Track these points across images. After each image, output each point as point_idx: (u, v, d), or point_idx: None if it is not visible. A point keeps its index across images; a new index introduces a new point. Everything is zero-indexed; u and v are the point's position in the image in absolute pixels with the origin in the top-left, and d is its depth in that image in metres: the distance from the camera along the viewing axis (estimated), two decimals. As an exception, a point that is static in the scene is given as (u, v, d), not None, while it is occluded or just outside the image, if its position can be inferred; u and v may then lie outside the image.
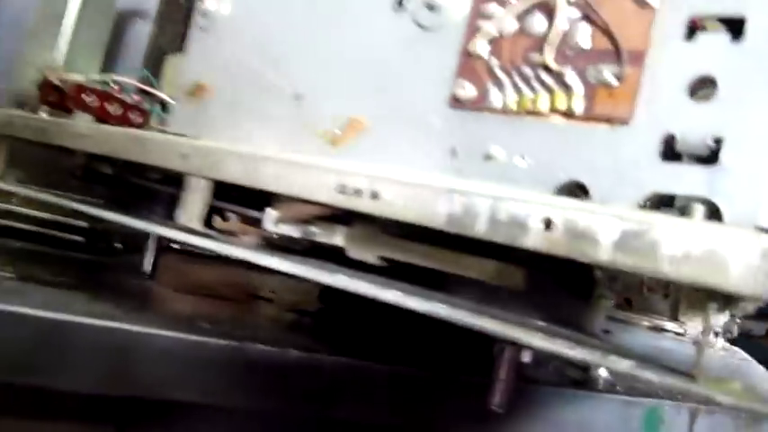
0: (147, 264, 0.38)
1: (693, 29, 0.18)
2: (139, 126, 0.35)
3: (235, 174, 0.24)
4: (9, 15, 0.45)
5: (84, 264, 0.38)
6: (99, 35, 0.41)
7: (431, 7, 0.22)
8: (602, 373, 0.39)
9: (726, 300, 0.16)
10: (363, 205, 0.21)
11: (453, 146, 0.22)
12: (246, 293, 0.43)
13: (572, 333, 0.20)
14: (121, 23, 0.44)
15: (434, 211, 0.20)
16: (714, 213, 0.17)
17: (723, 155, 0.17)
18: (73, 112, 0.35)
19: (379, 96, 0.23)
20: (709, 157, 0.17)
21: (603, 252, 0.17)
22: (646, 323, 0.36)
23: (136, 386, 0.23)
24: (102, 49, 0.41)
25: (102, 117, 0.34)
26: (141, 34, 0.48)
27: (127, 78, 0.35)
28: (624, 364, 0.16)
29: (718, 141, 0.17)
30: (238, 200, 0.28)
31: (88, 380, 0.22)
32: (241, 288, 0.46)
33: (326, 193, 0.22)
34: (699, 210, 0.17)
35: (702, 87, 0.18)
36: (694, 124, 0.18)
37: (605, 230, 0.17)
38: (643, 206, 0.18)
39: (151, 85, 0.36)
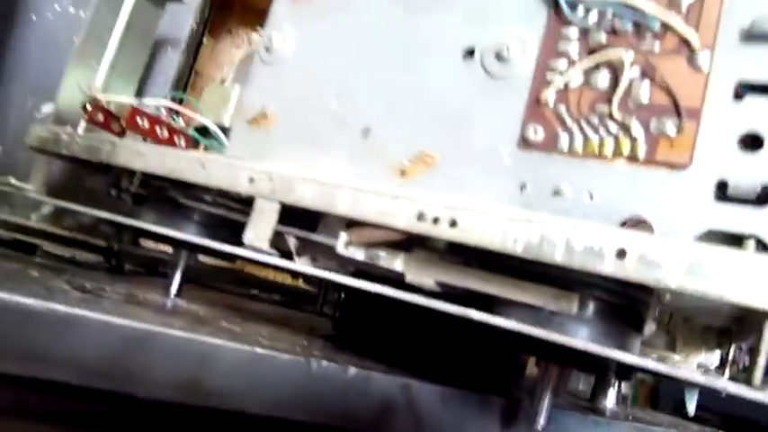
0: (174, 286, 0.39)
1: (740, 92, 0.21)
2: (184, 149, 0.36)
3: (308, 198, 0.26)
4: (42, 34, 0.46)
5: (112, 280, 0.38)
6: (137, 61, 0.42)
7: (500, 58, 0.25)
8: (609, 403, 0.42)
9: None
10: (442, 232, 0.23)
11: (522, 182, 0.24)
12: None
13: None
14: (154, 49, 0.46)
15: (512, 239, 0.22)
16: (763, 247, 0.20)
17: (771, 198, 0.20)
18: (118, 133, 0.36)
19: (448, 134, 0.26)
20: (758, 200, 0.20)
21: (673, 279, 0.19)
22: (654, 355, 0.39)
23: (210, 397, 0.24)
24: (139, 74, 0.42)
25: (151, 139, 0.35)
26: (166, 60, 0.49)
27: (172, 103, 0.37)
28: (700, 378, 0.18)
29: (765, 187, 0.20)
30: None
31: (167, 389, 0.23)
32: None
33: (406, 220, 0.24)
34: (750, 244, 0.20)
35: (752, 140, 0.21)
36: (744, 172, 0.21)
37: (674, 260, 0.19)
38: (699, 240, 0.21)
39: (195, 111, 0.38)
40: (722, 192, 0.21)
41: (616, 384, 0.43)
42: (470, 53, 0.26)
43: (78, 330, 0.22)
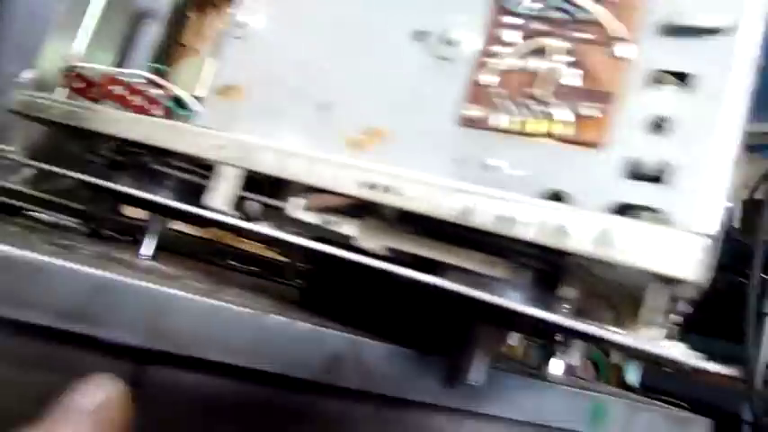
0: (147, 247, 0.41)
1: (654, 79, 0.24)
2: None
3: (268, 165, 0.28)
4: (24, 6, 0.48)
5: (90, 242, 0.40)
6: (117, 31, 0.44)
7: (447, 41, 0.27)
8: (555, 372, 0.45)
9: (668, 282, 0.22)
10: (386, 199, 0.26)
11: (460, 156, 0.26)
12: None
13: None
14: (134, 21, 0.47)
15: (447, 206, 0.24)
16: (663, 220, 0.22)
17: (672, 176, 0.22)
18: (95, 100, 0.38)
19: (398, 111, 0.28)
20: (661, 177, 0.23)
21: (584, 246, 0.22)
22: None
23: (169, 342, 0.26)
24: (119, 45, 0.44)
25: (126, 107, 0.37)
26: (149, 32, 0.51)
27: (150, 74, 0.38)
28: (597, 331, 0.21)
29: (668, 166, 0.23)
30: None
31: (130, 332, 0.25)
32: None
33: (354, 187, 0.26)
34: (652, 216, 0.22)
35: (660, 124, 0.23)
36: (652, 152, 0.23)
37: (586, 229, 0.22)
38: (609, 212, 0.23)
39: (172, 82, 0.40)
40: (631, 169, 0.23)
41: (564, 355, 0.46)
42: (420, 37, 0.28)
43: (50, 277, 0.24)
